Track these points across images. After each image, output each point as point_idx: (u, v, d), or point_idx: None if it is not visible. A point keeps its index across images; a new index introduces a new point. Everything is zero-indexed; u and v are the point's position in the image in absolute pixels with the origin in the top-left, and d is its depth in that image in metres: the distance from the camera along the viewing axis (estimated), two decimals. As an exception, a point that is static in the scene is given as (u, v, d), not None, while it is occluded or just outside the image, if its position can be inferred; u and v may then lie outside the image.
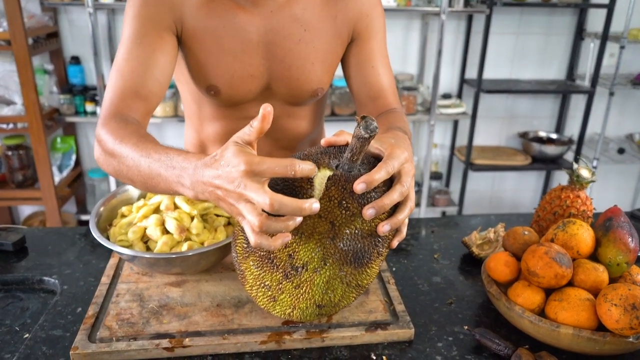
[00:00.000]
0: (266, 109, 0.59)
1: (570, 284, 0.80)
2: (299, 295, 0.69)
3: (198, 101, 1.06)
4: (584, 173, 0.98)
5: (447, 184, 3.15)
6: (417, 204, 2.85)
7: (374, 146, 0.70)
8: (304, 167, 0.59)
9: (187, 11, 0.91)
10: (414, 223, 1.20)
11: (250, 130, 0.61)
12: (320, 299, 0.69)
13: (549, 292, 0.81)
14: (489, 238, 1.02)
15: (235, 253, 0.73)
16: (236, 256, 0.73)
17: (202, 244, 0.86)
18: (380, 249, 0.69)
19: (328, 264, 0.66)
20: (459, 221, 1.22)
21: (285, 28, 0.95)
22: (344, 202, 0.64)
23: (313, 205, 0.58)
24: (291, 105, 1.05)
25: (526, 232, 0.89)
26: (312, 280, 0.67)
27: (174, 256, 0.79)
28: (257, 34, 0.94)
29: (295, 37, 0.96)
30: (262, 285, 0.70)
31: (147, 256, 0.79)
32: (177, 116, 2.59)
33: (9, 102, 2.43)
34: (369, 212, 0.63)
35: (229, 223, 0.92)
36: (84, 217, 2.82)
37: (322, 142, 0.70)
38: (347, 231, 0.65)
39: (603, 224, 0.84)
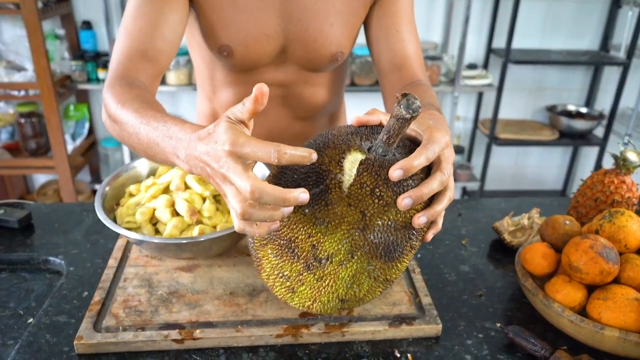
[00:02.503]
0: (261, 89, 0.52)
1: (617, 281, 0.73)
2: (320, 289, 0.63)
3: (210, 66, 1.00)
4: (632, 156, 0.89)
5: (469, 159, 3.05)
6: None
7: (411, 127, 0.62)
8: (293, 154, 0.51)
9: None
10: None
11: (242, 109, 0.54)
12: (344, 293, 0.63)
13: (591, 289, 0.74)
14: (522, 224, 0.95)
15: (251, 239, 0.67)
16: (252, 242, 0.67)
17: (215, 227, 0.80)
18: (414, 242, 0.62)
19: (356, 257, 0.60)
20: (488, 203, 1.14)
21: None
22: (377, 190, 0.57)
23: (300, 195, 0.51)
24: (309, 70, 0.98)
25: (567, 222, 0.81)
26: (336, 274, 0.61)
27: (184, 241, 0.74)
28: None
29: None
30: (281, 275, 0.64)
31: (156, 241, 0.73)
32: (191, 84, 2.52)
33: (19, 68, 2.37)
34: (404, 202, 0.56)
35: (243, 204, 0.86)
36: (97, 187, 2.80)
37: (353, 121, 0.63)
38: (379, 222, 0.58)
39: (655, 214, 0.76)
